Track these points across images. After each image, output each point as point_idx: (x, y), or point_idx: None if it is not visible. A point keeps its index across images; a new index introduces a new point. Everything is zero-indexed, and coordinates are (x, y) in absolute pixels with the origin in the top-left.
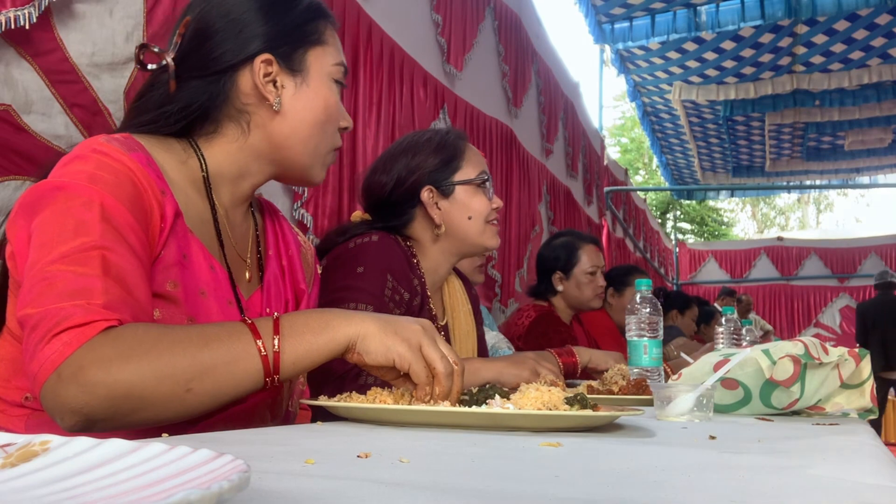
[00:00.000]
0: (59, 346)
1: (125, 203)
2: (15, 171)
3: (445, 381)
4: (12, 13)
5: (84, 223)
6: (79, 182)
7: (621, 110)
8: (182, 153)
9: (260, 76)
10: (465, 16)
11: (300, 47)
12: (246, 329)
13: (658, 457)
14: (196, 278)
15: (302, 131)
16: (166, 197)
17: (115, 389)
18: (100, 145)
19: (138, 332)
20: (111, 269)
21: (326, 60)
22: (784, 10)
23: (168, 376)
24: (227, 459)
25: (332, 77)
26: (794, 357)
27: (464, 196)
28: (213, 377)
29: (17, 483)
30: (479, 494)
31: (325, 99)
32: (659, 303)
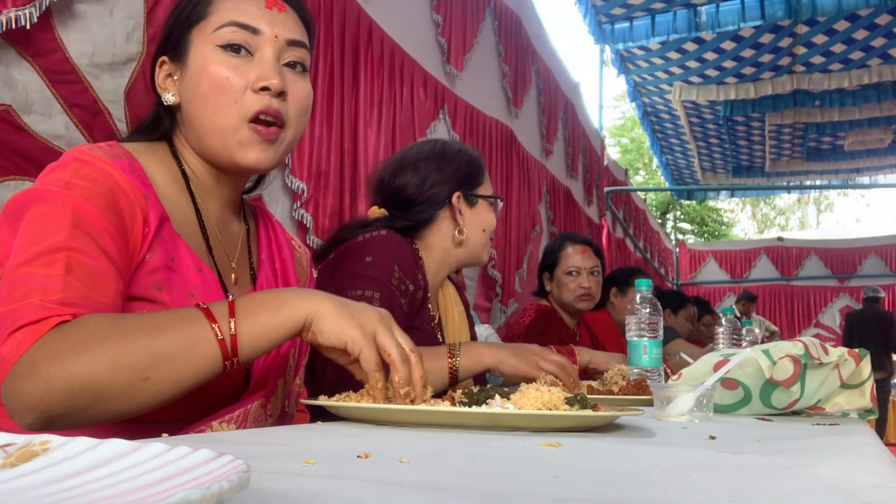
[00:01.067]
0: (14, 344)
1: (100, 207)
2: (15, 172)
3: (402, 367)
4: (13, 13)
5: (54, 226)
6: (54, 189)
7: (621, 110)
8: (166, 157)
9: (159, 80)
10: (466, 16)
11: (183, 33)
12: (201, 314)
13: (658, 457)
14: (184, 280)
15: (195, 113)
16: (150, 202)
17: (69, 383)
18: (80, 153)
19: (90, 324)
20: (75, 268)
21: (206, 31)
22: (784, 11)
23: (123, 366)
24: (227, 459)
25: (214, 44)
26: (794, 357)
27: (482, 210)
28: (169, 364)
29: (17, 483)
30: (479, 494)
31: (203, 70)
32: (659, 303)
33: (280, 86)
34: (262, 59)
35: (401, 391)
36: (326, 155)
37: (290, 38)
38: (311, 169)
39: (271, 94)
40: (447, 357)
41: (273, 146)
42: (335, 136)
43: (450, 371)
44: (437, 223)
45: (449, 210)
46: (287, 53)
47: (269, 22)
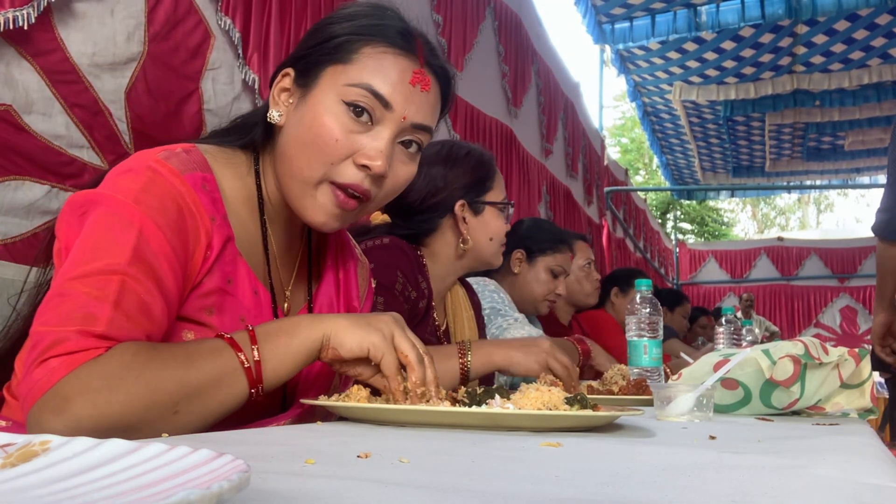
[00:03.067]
0: (47, 372)
1: (165, 230)
2: (15, 171)
3: (418, 368)
4: (11, 13)
5: (116, 245)
6: (124, 200)
7: (621, 110)
8: (243, 168)
9: (276, 89)
10: (466, 16)
11: (319, 63)
12: (225, 344)
13: (658, 457)
14: (238, 304)
15: (289, 147)
16: (216, 224)
17: (101, 423)
18: (155, 162)
19: (125, 358)
20: (126, 297)
21: (341, 79)
22: (784, 10)
23: (156, 402)
24: (227, 459)
25: (340, 97)
26: (794, 357)
27: (490, 217)
28: (199, 397)
29: (17, 483)
30: (479, 494)
31: (318, 118)
32: (658, 303)
33: (383, 171)
34: (379, 135)
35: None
36: None
37: (418, 122)
38: None
39: (370, 174)
40: (458, 357)
41: (346, 215)
42: None
43: (461, 371)
44: (441, 232)
45: (453, 219)
46: (408, 134)
47: (406, 99)
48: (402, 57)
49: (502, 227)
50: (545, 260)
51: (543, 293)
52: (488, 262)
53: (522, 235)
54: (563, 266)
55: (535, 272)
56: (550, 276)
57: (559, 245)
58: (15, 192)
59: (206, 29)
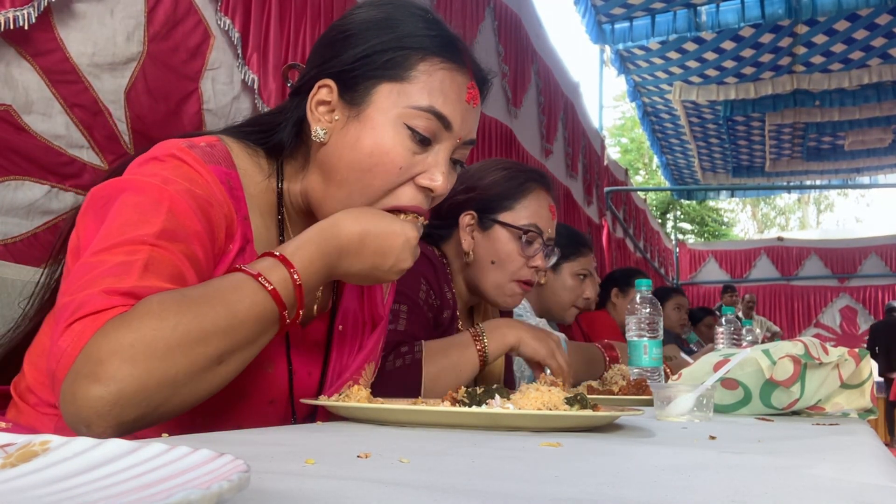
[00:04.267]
0: (73, 336)
1: (196, 210)
2: (15, 171)
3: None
4: (11, 13)
5: (146, 220)
6: (152, 181)
7: (621, 110)
8: (267, 171)
9: (313, 102)
10: (465, 16)
11: (370, 78)
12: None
13: (658, 457)
14: None
15: (339, 171)
16: (239, 219)
17: (145, 381)
18: (180, 150)
19: (153, 308)
20: (157, 264)
21: (400, 100)
22: (784, 10)
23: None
24: (227, 459)
25: (402, 120)
26: (794, 357)
27: (498, 238)
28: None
29: (17, 483)
30: (479, 494)
31: (380, 144)
32: (658, 303)
33: (445, 192)
34: (438, 156)
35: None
36: None
37: (470, 138)
38: None
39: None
40: (474, 343)
41: None
42: None
43: (479, 357)
44: (454, 240)
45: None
46: (459, 151)
47: (463, 118)
48: (457, 72)
49: (512, 254)
50: (570, 266)
51: (572, 300)
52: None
53: None
54: (587, 268)
55: (562, 280)
56: (577, 280)
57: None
58: (15, 192)
59: (205, 29)
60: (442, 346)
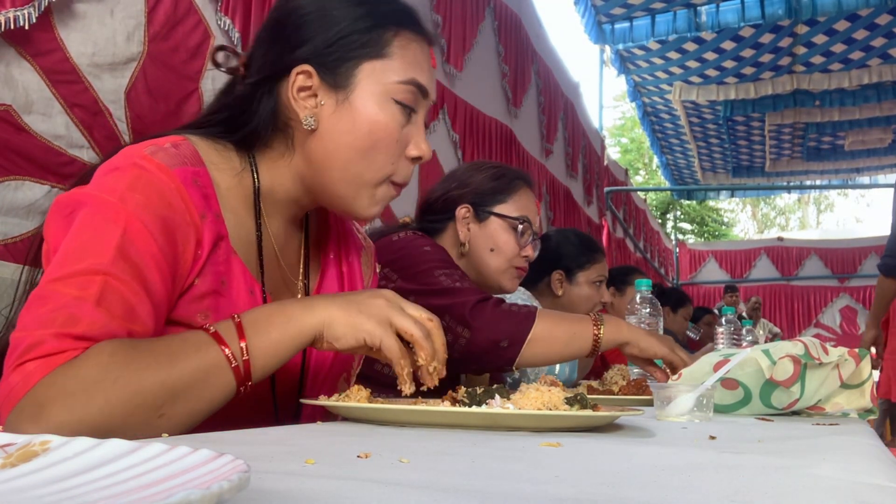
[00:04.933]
0: (23, 376)
1: (152, 228)
2: (15, 171)
3: (426, 344)
4: (12, 13)
5: (99, 244)
6: (109, 199)
7: (621, 110)
8: (238, 166)
9: (294, 89)
10: (465, 16)
11: (350, 59)
12: (210, 339)
13: (658, 457)
14: (233, 304)
15: (339, 155)
16: (207, 221)
17: (80, 429)
18: (142, 158)
19: (102, 359)
20: (109, 297)
21: (384, 77)
22: (784, 10)
23: (138, 405)
24: (227, 459)
25: (390, 96)
26: (794, 357)
27: (495, 228)
28: (185, 398)
29: (17, 483)
30: (479, 494)
31: (372, 120)
32: (658, 303)
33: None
34: (418, 124)
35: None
36: None
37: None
38: None
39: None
40: (593, 326)
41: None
42: None
43: (593, 339)
44: (449, 234)
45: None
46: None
47: (432, 82)
48: (423, 41)
49: (509, 242)
50: (585, 274)
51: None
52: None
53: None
54: (602, 274)
55: (579, 289)
56: (594, 287)
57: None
58: (15, 192)
59: (205, 29)
60: (560, 315)
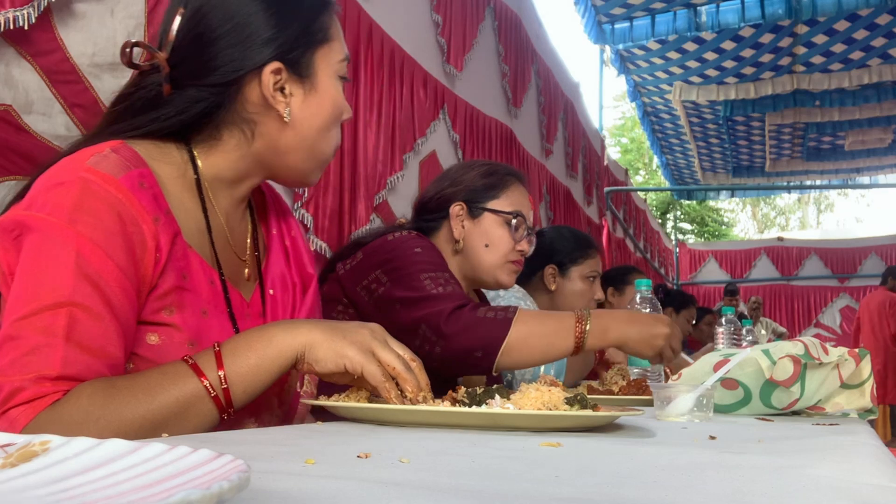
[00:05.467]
0: (8, 422)
1: (105, 246)
2: (15, 172)
3: (409, 376)
4: (11, 13)
5: (56, 273)
6: (57, 222)
7: (621, 110)
8: (178, 159)
9: (269, 87)
10: (465, 16)
11: (308, 50)
12: (189, 371)
13: (658, 457)
14: (198, 297)
15: (310, 138)
16: (160, 224)
17: None
18: (86, 171)
19: (82, 402)
20: (77, 329)
21: (332, 58)
22: (784, 11)
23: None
24: (227, 459)
25: (338, 74)
26: (794, 357)
27: (489, 224)
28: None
29: (17, 483)
30: (479, 494)
31: (333, 100)
32: (659, 303)
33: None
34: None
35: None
36: None
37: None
38: None
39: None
40: (576, 323)
41: None
42: None
43: (576, 337)
44: (443, 232)
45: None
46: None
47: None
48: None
49: (503, 237)
50: (578, 269)
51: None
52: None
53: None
54: (595, 269)
55: (572, 284)
56: (588, 283)
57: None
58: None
59: None
60: (542, 314)
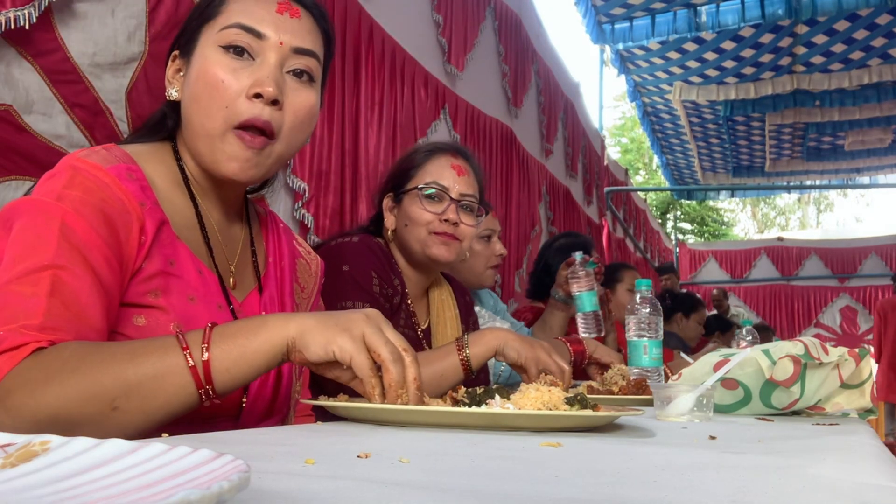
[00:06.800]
0: None
1: (90, 219)
2: (15, 172)
3: (393, 367)
4: (12, 13)
5: (42, 241)
6: (46, 200)
7: (621, 110)
8: (167, 157)
9: (169, 73)
10: (466, 16)
11: (195, 29)
12: (174, 342)
13: (658, 457)
14: (185, 283)
15: (189, 113)
16: (146, 209)
17: (38, 413)
18: (76, 161)
19: (64, 353)
20: (60, 288)
21: (213, 31)
22: (784, 11)
23: (92, 396)
24: (227, 459)
25: (217, 45)
26: (794, 357)
27: (406, 204)
28: (139, 394)
29: (17, 483)
30: (479, 494)
31: (202, 70)
32: (659, 303)
33: (274, 94)
34: (262, 64)
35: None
36: (327, 155)
37: (297, 45)
38: (312, 169)
39: (264, 101)
40: (457, 352)
41: (258, 157)
42: (336, 136)
43: (463, 365)
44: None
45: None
46: (292, 61)
47: (277, 27)
48: None
49: (418, 211)
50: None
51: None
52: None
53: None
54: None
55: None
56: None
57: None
58: (15, 192)
59: None
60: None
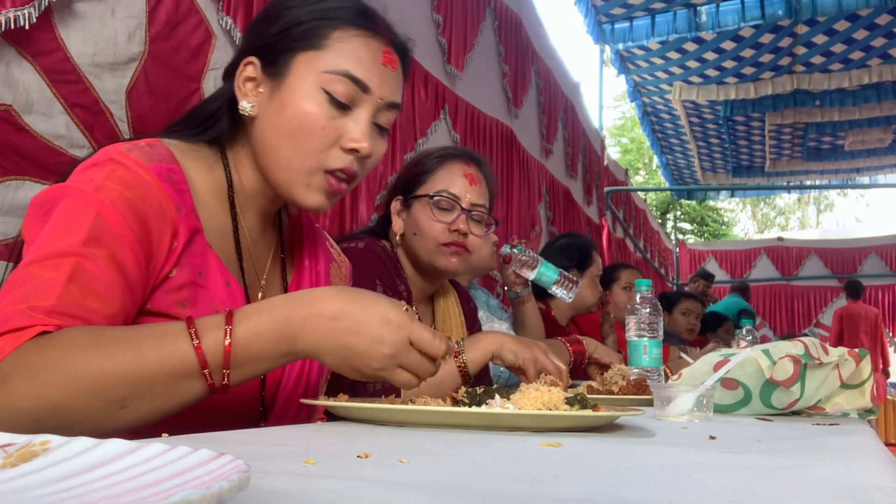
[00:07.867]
0: None
1: (125, 214)
2: (15, 172)
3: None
4: (12, 13)
5: (73, 228)
6: (85, 188)
7: (621, 110)
8: (210, 160)
9: (240, 79)
10: (466, 16)
11: (289, 50)
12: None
13: (658, 457)
14: (211, 295)
15: (270, 138)
16: (182, 214)
17: (38, 404)
18: (118, 154)
19: (65, 340)
20: (79, 276)
21: (317, 66)
22: (784, 11)
23: (98, 393)
24: (227, 459)
25: (319, 85)
26: (794, 357)
27: (416, 211)
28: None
29: (17, 483)
30: (479, 494)
31: (300, 107)
32: (659, 303)
33: (369, 151)
34: (359, 118)
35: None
36: None
37: (391, 100)
38: None
39: (357, 156)
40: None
41: (335, 196)
42: None
43: (460, 370)
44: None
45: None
46: (384, 114)
47: (380, 80)
48: (371, 38)
49: (428, 221)
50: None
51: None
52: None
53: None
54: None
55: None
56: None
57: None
58: (15, 192)
59: (207, 29)
60: None
